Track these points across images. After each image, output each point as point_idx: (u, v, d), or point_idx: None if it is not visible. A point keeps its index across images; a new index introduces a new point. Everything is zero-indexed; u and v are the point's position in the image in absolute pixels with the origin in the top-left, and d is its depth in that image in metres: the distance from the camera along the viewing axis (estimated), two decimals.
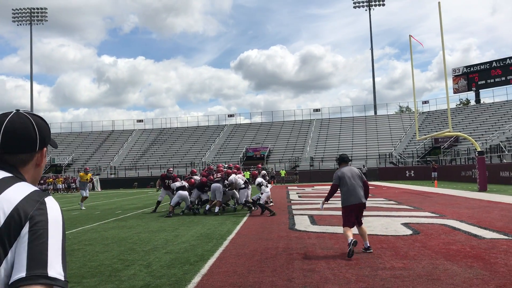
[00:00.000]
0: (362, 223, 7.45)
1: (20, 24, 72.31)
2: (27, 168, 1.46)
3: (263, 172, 17.94)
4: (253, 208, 14.11)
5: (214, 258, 7.09)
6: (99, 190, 46.62)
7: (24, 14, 71.72)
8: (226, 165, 17.45)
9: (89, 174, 20.32)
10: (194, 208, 14.95)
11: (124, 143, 64.42)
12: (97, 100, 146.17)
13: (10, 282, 1.21)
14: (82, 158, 60.38)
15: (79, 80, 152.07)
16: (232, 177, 14.65)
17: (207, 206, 14.76)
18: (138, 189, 44.75)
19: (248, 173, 35.05)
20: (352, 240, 6.84)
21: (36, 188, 1.38)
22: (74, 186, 45.43)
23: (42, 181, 45.94)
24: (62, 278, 1.24)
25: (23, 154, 1.44)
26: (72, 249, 8.50)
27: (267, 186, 14.43)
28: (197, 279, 5.77)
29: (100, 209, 18.83)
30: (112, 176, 54.04)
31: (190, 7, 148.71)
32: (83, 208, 19.14)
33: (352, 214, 7.25)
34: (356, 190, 7.28)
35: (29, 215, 1.27)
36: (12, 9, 71.74)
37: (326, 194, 7.71)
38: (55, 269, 1.23)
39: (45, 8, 72.16)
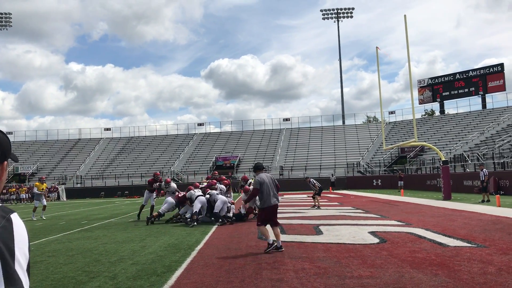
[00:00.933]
0: (277, 224, 8.53)
1: None
2: None
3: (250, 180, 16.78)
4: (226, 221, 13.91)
5: (181, 269, 6.99)
6: (65, 199, 45.50)
7: None
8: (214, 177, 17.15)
9: (45, 184, 19.89)
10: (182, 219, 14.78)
11: (91, 151, 63.20)
12: (64, 108, 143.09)
13: None
14: (48, 167, 58.88)
15: (45, 88, 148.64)
16: (189, 192, 14.84)
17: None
18: (105, 199, 43.91)
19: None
20: (273, 240, 8.13)
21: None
22: (28, 196, 43.34)
23: (4, 191, 44.53)
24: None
25: None
26: (34, 261, 8.23)
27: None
28: None
29: (65, 219, 18.36)
30: (78, 185, 52.88)
31: (161, 15, 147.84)
32: (34, 218, 18.49)
33: (269, 214, 8.38)
34: (273, 194, 8.45)
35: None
36: None
37: (248, 197, 9.27)
38: (20, 286, 1.21)
39: (9, 13, 70.44)
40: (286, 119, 66.21)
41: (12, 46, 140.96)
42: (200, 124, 68.41)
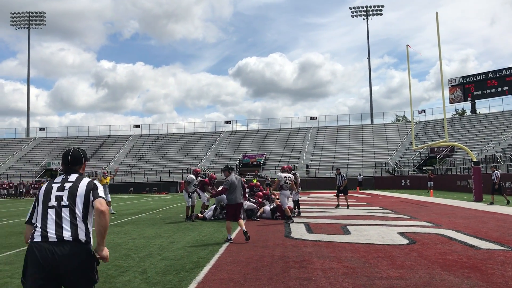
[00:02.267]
0: (240, 218, 10.10)
1: (19, 28, 72.41)
2: (80, 171, 3.56)
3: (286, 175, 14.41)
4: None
5: (209, 265, 7.04)
6: None
7: (22, 18, 71.78)
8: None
9: (108, 178, 19.91)
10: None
11: (121, 148, 64.27)
12: (95, 105, 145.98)
13: (92, 200, 3.34)
14: None
15: (77, 85, 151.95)
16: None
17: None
18: (134, 195, 44.60)
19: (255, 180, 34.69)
20: (231, 237, 9.63)
21: (90, 179, 3.48)
22: None
23: (36, 185, 45.72)
24: (103, 195, 3.40)
25: (78, 165, 3.57)
26: None
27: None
28: (192, 286, 5.72)
29: None
30: None
31: (191, 14, 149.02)
32: (114, 211, 19.04)
33: (233, 210, 9.77)
34: (239, 193, 9.85)
35: (91, 187, 3.39)
36: (11, 13, 72.06)
37: (216, 193, 11.05)
38: (102, 197, 3.37)
39: (44, 12, 72.34)
40: (313, 118, 65.86)
41: (46, 44, 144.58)
42: (227, 122, 68.90)
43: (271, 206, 14.91)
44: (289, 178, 13.99)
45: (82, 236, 3.24)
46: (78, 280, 3.17)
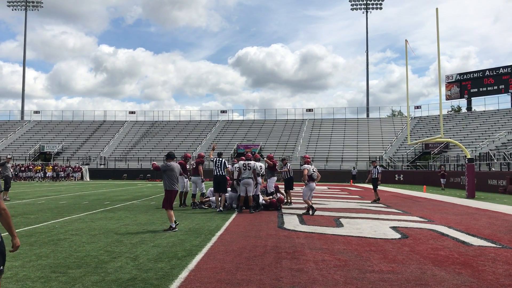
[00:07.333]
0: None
1: (15, 9, 71.59)
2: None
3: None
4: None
5: (202, 253, 7.03)
6: (88, 180, 46.32)
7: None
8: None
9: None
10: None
11: (115, 134, 64.03)
12: (93, 89, 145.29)
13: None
14: (72, 147, 59.93)
15: (76, 69, 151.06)
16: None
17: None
18: (127, 181, 44.54)
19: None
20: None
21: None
22: (62, 175, 45.18)
23: (23, 168, 45.42)
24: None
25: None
26: (58, 238, 8.40)
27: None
28: (184, 274, 5.71)
29: (88, 199, 18.68)
30: (102, 166, 53.72)
31: (195, 1, 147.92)
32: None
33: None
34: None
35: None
36: None
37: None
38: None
39: None
40: (309, 110, 65.86)
41: (49, 27, 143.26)
42: (223, 111, 68.56)
43: (263, 202, 14.58)
44: (314, 170, 13.36)
45: None
46: None
